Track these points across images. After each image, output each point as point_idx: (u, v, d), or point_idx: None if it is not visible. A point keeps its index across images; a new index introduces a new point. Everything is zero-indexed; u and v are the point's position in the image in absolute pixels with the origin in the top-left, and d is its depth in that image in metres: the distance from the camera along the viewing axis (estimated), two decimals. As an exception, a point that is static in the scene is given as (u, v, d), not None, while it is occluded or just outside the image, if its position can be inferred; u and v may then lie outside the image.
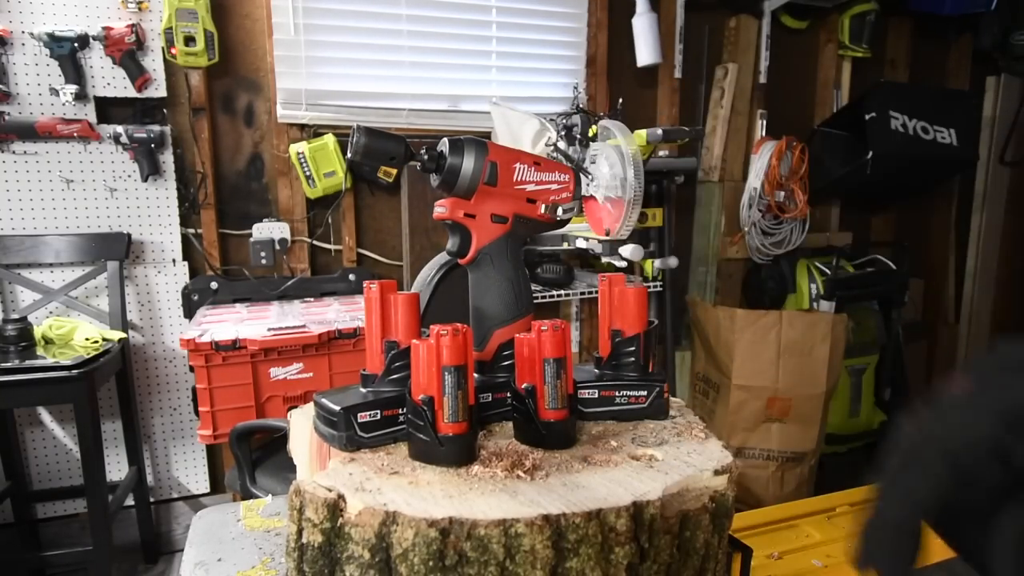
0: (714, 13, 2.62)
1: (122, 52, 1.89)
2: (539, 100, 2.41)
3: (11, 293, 1.95)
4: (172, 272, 2.07)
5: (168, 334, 2.08)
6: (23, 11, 1.83)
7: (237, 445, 1.39)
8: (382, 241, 2.30)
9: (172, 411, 2.13)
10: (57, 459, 2.04)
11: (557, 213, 0.60)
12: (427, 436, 0.45)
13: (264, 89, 2.11)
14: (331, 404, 0.50)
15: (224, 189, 2.13)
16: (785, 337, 2.20)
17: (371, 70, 2.20)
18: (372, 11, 2.16)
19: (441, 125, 2.27)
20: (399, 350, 0.51)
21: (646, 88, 2.58)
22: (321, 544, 0.41)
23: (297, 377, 1.68)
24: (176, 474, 2.16)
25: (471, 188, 0.56)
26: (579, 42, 2.44)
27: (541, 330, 0.49)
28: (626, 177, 1.51)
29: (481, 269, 0.58)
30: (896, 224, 3.13)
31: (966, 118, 2.64)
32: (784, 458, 2.26)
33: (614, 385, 0.56)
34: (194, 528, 0.68)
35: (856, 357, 2.59)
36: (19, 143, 1.88)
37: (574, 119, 1.91)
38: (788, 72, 2.75)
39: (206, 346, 1.58)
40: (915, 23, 2.96)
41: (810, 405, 2.23)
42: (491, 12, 2.31)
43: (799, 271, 2.65)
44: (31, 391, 1.58)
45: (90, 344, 1.75)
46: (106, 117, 1.95)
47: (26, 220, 1.92)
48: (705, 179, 2.68)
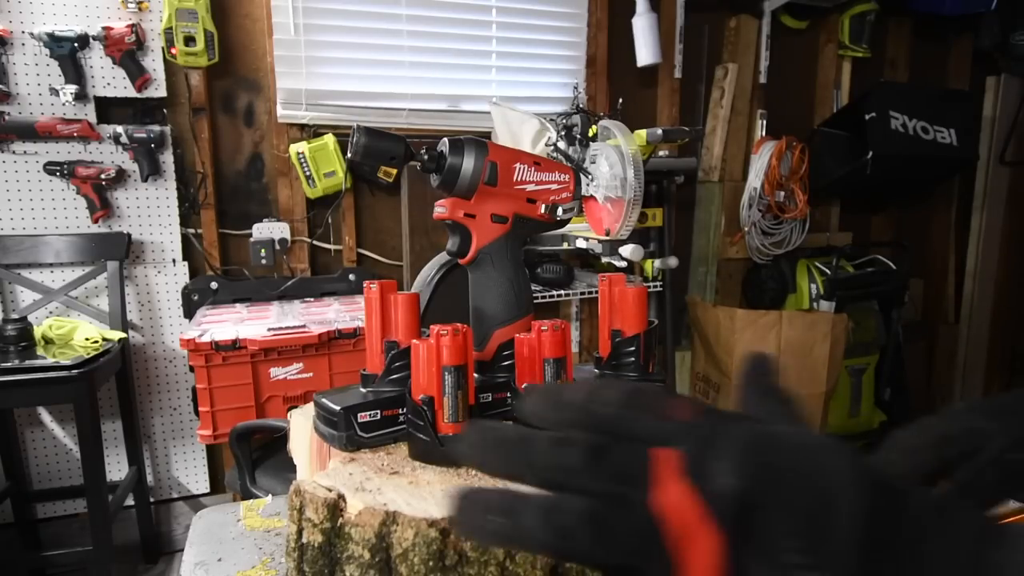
0: (714, 13, 2.62)
1: (122, 52, 1.88)
2: (539, 100, 2.41)
3: (11, 293, 1.95)
4: (172, 272, 2.07)
5: (168, 334, 2.08)
6: (23, 11, 1.83)
7: (237, 445, 1.39)
8: (382, 241, 2.30)
9: (172, 411, 2.13)
10: (57, 459, 2.04)
11: (557, 213, 0.60)
12: (427, 436, 0.45)
13: (264, 89, 2.11)
14: (331, 404, 0.50)
15: (224, 189, 2.13)
16: (785, 337, 2.20)
17: (371, 70, 2.20)
18: (372, 11, 2.16)
19: (441, 125, 2.27)
20: (399, 350, 0.51)
21: (646, 88, 2.58)
22: (321, 544, 0.41)
23: (297, 377, 1.68)
24: (176, 474, 2.16)
25: (471, 188, 0.56)
26: (579, 42, 2.44)
27: (541, 330, 0.49)
28: (626, 177, 1.51)
29: (481, 269, 0.58)
30: (896, 224, 3.13)
31: (966, 118, 2.64)
32: (784, 458, 2.26)
33: (614, 385, 0.56)
34: (194, 528, 0.68)
35: (856, 357, 2.59)
36: (19, 143, 1.88)
37: (574, 119, 1.91)
38: (788, 72, 2.75)
39: (206, 346, 1.58)
40: (915, 23, 2.96)
41: (810, 405, 2.23)
42: (491, 12, 2.31)
43: (799, 271, 2.65)
44: (31, 391, 1.58)
45: (90, 344, 1.75)
46: (106, 117, 1.95)
47: (26, 220, 1.92)
48: (705, 179, 2.67)
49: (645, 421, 0.29)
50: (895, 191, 2.94)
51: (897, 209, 3.11)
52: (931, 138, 2.53)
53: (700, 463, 0.26)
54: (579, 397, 0.30)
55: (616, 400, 0.30)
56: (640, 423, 0.29)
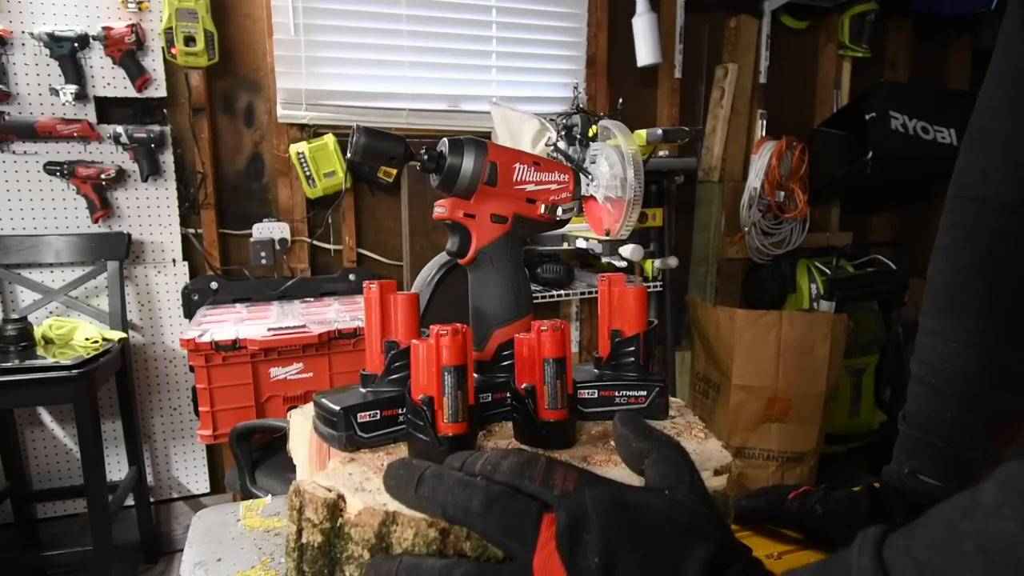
0: (714, 13, 2.62)
1: (122, 52, 1.89)
2: (539, 100, 2.41)
3: (11, 293, 1.95)
4: (172, 272, 2.07)
5: (168, 334, 2.08)
6: (23, 11, 1.83)
7: (237, 445, 1.39)
8: (382, 241, 2.30)
9: (172, 411, 2.13)
10: (57, 459, 2.04)
11: (557, 213, 0.60)
12: (427, 436, 0.45)
13: (264, 89, 2.11)
14: (331, 404, 0.50)
15: (224, 189, 2.13)
16: (785, 337, 2.19)
17: (371, 70, 2.20)
18: (372, 11, 2.16)
19: (441, 125, 2.27)
20: (399, 350, 0.51)
21: (646, 88, 2.58)
22: (321, 544, 0.41)
23: (297, 377, 1.68)
24: (176, 474, 2.16)
25: (471, 188, 0.56)
26: (579, 42, 2.44)
27: (541, 330, 0.48)
28: (626, 177, 1.51)
29: (481, 269, 0.58)
30: (896, 224, 3.13)
31: (966, 118, 2.63)
32: (784, 458, 2.26)
33: (614, 385, 0.56)
34: (194, 528, 0.68)
35: (856, 357, 2.59)
36: (19, 143, 1.88)
37: (574, 119, 1.90)
38: (788, 72, 2.75)
39: (206, 346, 1.58)
40: (915, 23, 2.96)
41: (810, 405, 2.23)
42: (491, 12, 2.31)
43: (799, 271, 2.65)
44: (31, 391, 1.58)
45: (90, 344, 1.75)
46: (106, 117, 1.95)
47: (26, 220, 1.92)
48: (705, 179, 2.67)
49: (533, 486, 0.34)
50: (895, 191, 2.94)
51: (897, 209, 3.11)
52: (931, 138, 2.53)
53: (571, 534, 0.31)
54: (478, 467, 0.37)
55: (509, 468, 0.35)
56: (529, 487, 0.34)
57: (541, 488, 0.34)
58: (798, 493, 0.66)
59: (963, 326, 0.62)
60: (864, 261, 2.79)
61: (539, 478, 0.35)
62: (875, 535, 0.27)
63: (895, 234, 3.11)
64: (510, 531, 0.33)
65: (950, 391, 0.62)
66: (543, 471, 0.35)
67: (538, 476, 0.35)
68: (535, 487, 0.34)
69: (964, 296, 0.62)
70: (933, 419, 0.63)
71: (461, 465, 0.38)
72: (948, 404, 0.62)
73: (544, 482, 0.34)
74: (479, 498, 0.34)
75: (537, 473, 0.35)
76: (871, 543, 0.27)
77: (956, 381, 0.62)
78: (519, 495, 0.34)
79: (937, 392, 0.63)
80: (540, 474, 0.35)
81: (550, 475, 0.35)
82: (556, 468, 0.35)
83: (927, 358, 0.65)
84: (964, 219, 0.63)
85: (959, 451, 0.62)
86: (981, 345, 0.61)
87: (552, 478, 0.35)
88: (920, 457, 0.63)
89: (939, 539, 0.25)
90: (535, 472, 0.35)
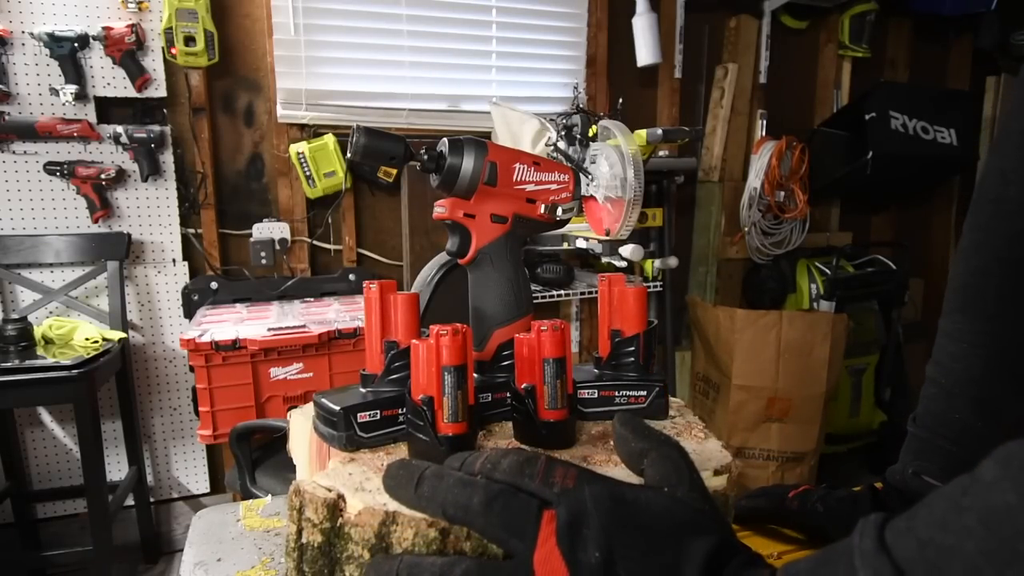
0: (714, 13, 2.62)
1: (122, 52, 1.89)
2: (539, 100, 2.41)
3: (11, 293, 1.95)
4: (172, 272, 2.07)
5: (168, 334, 2.08)
6: (23, 11, 1.83)
7: (237, 445, 1.39)
8: (382, 241, 2.30)
9: (172, 411, 2.13)
10: (57, 459, 2.04)
11: (557, 213, 0.60)
12: (427, 436, 0.45)
13: (264, 89, 2.11)
14: (331, 404, 0.50)
15: (224, 189, 2.13)
16: (785, 337, 2.20)
17: (371, 70, 2.20)
18: (372, 11, 2.16)
19: (441, 125, 2.27)
20: (399, 350, 0.51)
21: (646, 88, 2.58)
22: (321, 544, 0.41)
23: (297, 377, 1.68)
24: (176, 474, 2.16)
25: (471, 188, 0.56)
26: (579, 42, 2.44)
27: (541, 330, 0.48)
28: (626, 177, 1.51)
29: (481, 269, 0.58)
30: (896, 224, 3.13)
31: (966, 118, 2.64)
32: (784, 458, 2.26)
33: (614, 385, 0.56)
34: (194, 528, 0.68)
35: (856, 357, 2.59)
36: (19, 143, 1.88)
37: (574, 119, 1.90)
38: (788, 72, 2.75)
39: (206, 346, 1.58)
40: (915, 23, 2.96)
41: (810, 405, 2.23)
42: (491, 12, 2.31)
43: (799, 271, 2.65)
44: (31, 391, 1.58)
45: (90, 344, 1.75)
46: (106, 117, 1.95)
47: (26, 220, 1.92)
48: (705, 179, 2.67)
49: (533, 484, 0.34)
50: (895, 191, 2.94)
51: (897, 209, 3.11)
52: (931, 138, 2.53)
53: (571, 530, 0.32)
54: (478, 466, 0.37)
55: (509, 467, 0.36)
56: (529, 485, 0.35)
57: (541, 486, 0.34)
58: (798, 492, 0.66)
59: (972, 327, 0.61)
60: (864, 261, 2.79)
61: (539, 476, 0.35)
62: (876, 520, 0.28)
63: (895, 234, 3.11)
64: (510, 528, 0.33)
65: (958, 392, 0.62)
66: (543, 469, 0.35)
67: (538, 474, 0.35)
68: (535, 485, 0.34)
69: (975, 297, 0.61)
70: (941, 420, 0.63)
71: (461, 465, 0.38)
72: (956, 406, 0.62)
73: (544, 480, 0.35)
74: (479, 496, 0.34)
75: (537, 471, 0.35)
76: (873, 527, 0.27)
77: (964, 382, 0.61)
78: (519, 493, 0.34)
79: (946, 393, 0.63)
80: (540, 472, 0.35)
81: (550, 473, 0.35)
82: (556, 466, 0.36)
83: (939, 359, 0.65)
84: (981, 220, 0.62)
85: (967, 454, 0.61)
86: (990, 346, 0.60)
87: (552, 476, 0.35)
88: (926, 458, 0.63)
89: (941, 516, 0.25)
90: (535, 470, 0.35)
